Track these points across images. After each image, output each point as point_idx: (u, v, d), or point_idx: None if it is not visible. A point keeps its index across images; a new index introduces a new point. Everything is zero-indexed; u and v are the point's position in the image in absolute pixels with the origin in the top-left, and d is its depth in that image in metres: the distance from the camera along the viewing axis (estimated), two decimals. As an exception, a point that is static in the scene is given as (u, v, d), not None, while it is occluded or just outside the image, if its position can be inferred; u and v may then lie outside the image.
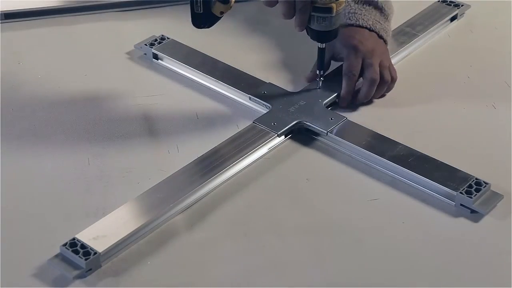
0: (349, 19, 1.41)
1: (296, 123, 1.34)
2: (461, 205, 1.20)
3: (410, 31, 1.55)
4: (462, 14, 1.63)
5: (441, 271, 1.12)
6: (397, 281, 1.11)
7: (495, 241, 1.16)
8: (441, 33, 1.59)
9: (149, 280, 1.11)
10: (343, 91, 1.38)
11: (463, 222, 1.19)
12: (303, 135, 1.34)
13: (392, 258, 1.14)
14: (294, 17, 1.29)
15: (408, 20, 1.58)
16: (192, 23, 1.31)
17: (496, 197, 1.21)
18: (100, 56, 1.53)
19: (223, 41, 1.56)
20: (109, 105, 1.41)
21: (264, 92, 1.40)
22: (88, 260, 1.10)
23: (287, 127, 1.33)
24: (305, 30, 1.32)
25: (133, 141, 1.33)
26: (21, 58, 1.52)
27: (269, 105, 1.37)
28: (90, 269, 1.10)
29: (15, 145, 1.32)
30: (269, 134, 1.32)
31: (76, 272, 1.09)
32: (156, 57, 1.51)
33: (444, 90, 1.45)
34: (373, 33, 1.41)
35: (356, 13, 1.41)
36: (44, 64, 1.51)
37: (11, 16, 1.60)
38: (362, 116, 1.37)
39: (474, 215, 1.19)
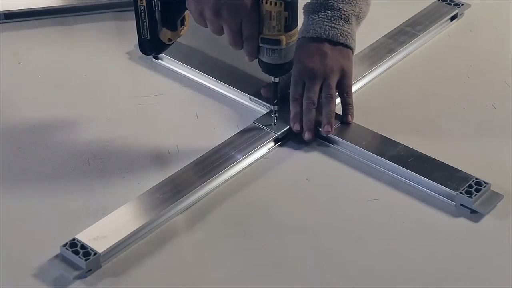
0: (302, 32, 1.35)
1: (296, 123, 1.34)
2: (461, 205, 1.20)
3: (410, 31, 1.55)
4: (462, 14, 1.62)
5: (441, 271, 1.12)
6: (397, 281, 1.11)
7: (495, 241, 1.16)
8: (441, 33, 1.59)
9: (149, 280, 1.11)
10: (291, 116, 1.32)
11: (463, 222, 1.19)
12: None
13: (392, 258, 1.14)
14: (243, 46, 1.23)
15: (408, 20, 1.57)
16: (140, 49, 1.27)
17: (496, 197, 1.21)
18: (100, 56, 1.53)
19: (223, 41, 1.55)
20: (109, 105, 1.41)
21: (264, 92, 1.40)
22: (88, 261, 1.10)
23: (287, 127, 1.33)
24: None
25: (133, 141, 1.33)
26: (21, 58, 1.52)
27: (269, 105, 1.37)
28: (90, 270, 1.10)
29: (15, 145, 1.32)
30: (269, 134, 1.32)
31: (76, 273, 1.09)
32: (156, 57, 1.51)
33: (444, 90, 1.45)
34: (325, 43, 1.34)
35: (309, 25, 1.36)
36: (44, 64, 1.50)
37: (11, 16, 1.60)
38: (362, 116, 1.37)
39: (474, 215, 1.19)
